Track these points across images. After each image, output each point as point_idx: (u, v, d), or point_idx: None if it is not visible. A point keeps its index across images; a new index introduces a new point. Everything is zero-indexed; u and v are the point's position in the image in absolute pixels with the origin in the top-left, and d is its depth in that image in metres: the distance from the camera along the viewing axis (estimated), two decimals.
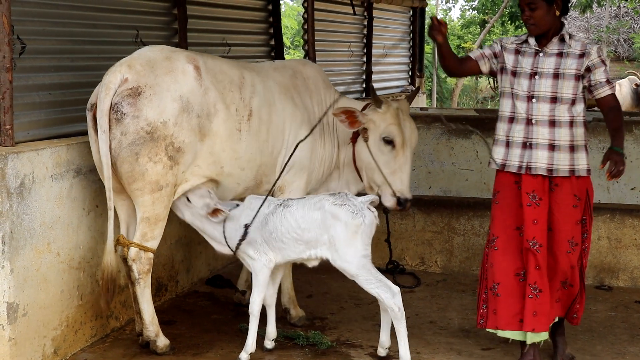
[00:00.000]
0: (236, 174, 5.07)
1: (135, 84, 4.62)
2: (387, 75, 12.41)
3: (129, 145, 4.59)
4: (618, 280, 6.62)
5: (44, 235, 4.62)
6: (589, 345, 5.29)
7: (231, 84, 5.02)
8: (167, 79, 4.71)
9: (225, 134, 4.92)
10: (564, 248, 4.75)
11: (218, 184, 5.05)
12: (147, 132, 4.60)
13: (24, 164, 4.45)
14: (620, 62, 27.42)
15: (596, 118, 7.58)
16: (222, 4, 7.58)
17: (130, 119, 4.58)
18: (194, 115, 4.76)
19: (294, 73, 5.55)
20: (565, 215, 4.74)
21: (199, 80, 4.83)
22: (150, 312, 4.90)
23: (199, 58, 4.95)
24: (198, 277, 6.56)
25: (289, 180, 5.32)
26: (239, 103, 5.03)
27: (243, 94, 5.08)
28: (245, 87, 5.10)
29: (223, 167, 4.97)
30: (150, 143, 4.61)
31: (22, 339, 4.48)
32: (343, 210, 4.64)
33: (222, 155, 4.94)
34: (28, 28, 4.95)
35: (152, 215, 4.74)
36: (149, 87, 4.64)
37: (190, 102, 4.75)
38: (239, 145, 5.01)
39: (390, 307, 4.67)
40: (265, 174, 5.24)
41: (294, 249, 4.77)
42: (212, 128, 4.86)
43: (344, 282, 6.53)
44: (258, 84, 5.21)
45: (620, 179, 7.40)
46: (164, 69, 4.73)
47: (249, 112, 5.08)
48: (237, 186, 5.15)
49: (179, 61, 4.82)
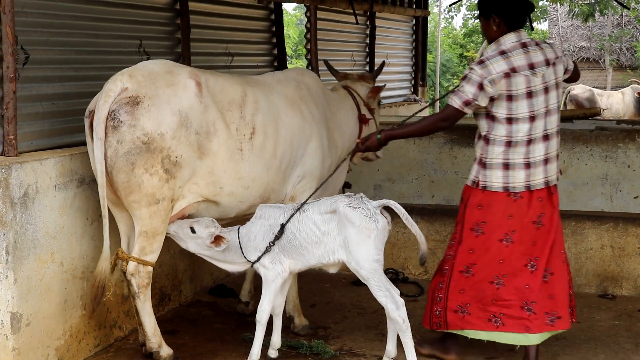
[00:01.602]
0: (239, 193, 5.04)
1: (134, 93, 4.61)
2: (389, 84, 12.41)
3: (125, 154, 4.57)
4: (621, 288, 6.61)
5: (47, 245, 4.63)
6: (592, 354, 5.29)
7: (230, 104, 4.98)
8: (167, 92, 4.68)
9: (226, 155, 4.89)
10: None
11: (217, 204, 5.00)
12: (143, 142, 4.58)
13: (28, 174, 4.46)
14: (623, 70, 27.42)
15: (599, 127, 7.59)
16: (225, 14, 7.60)
17: (127, 128, 4.56)
18: (193, 131, 4.73)
19: (298, 84, 5.55)
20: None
21: (200, 96, 4.80)
22: (152, 324, 4.89)
23: (201, 74, 4.92)
24: (201, 286, 6.56)
25: (300, 190, 5.37)
26: (240, 122, 5.00)
27: (244, 112, 5.03)
28: (246, 104, 5.06)
29: (223, 187, 4.93)
30: (146, 154, 4.59)
31: (26, 349, 4.48)
32: (357, 214, 4.62)
33: (222, 176, 4.91)
34: (32, 38, 4.97)
35: (149, 229, 4.72)
36: (148, 97, 4.62)
37: (189, 117, 4.71)
38: (241, 165, 4.98)
39: (394, 318, 4.66)
40: (273, 189, 5.23)
41: (315, 254, 4.74)
42: (212, 148, 4.82)
43: (347, 292, 6.55)
44: (261, 100, 5.18)
45: (624, 188, 7.48)
46: (165, 82, 4.72)
47: (251, 131, 5.04)
48: (241, 204, 5.10)
49: (181, 75, 4.80)
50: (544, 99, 4.78)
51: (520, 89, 4.73)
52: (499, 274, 4.88)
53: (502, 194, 4.85)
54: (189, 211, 4.92)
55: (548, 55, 4.83)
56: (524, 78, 4.73)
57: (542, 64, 4.79)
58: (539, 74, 4.76)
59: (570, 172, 7.54)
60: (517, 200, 4.84)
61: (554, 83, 4.82)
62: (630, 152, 7.42)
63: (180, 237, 4.90)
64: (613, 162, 7.47)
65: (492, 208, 4.88)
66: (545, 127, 4.80)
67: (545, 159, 4.83)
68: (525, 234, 4.85)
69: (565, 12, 27.45)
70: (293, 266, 4.82)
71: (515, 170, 4.82)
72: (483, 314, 4.91)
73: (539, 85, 4.76)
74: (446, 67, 26.26)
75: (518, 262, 4.87)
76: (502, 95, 4.73)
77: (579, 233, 6.65)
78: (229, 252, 4.90)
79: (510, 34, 4.81)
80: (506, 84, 4.71)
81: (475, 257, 4.92)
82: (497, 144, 4.82)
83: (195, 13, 6.89)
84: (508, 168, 4.83)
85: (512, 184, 4.83)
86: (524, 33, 4.86)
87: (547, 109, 4.80)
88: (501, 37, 4.82)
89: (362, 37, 11.26)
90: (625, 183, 7.48)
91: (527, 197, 4.84)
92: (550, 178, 4.88)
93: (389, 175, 7.69)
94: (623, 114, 16.29)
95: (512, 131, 4.78)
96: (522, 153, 4.80)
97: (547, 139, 4.83)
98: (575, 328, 5.75)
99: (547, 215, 4.89)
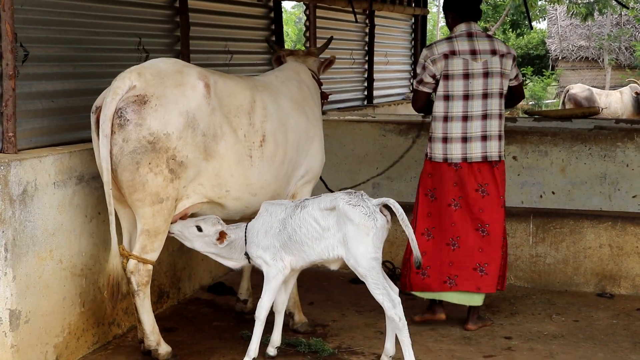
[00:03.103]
0: (246, 199, 5.04)
1: (142, 92, 4.58)
2: (388, 82, 12.43)
3: (130, 152, 4.55)
4: (620, 287, 6.62)
5: (46, 243, 4.63)
6: (590, 352, 5.29)
7: (238, 109, 4.96)
8: (175, 92, 4.66)
9: (234, 160, 4.89)
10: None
11: (222, 207, 5.01)
12: (149, 141, 4.56)
13: (27, 171, 4.46)
14: (622, 70, 27.41)
15: (598, 126, 7.59)
16: (224, 12, 7.60)
17: (133, 126, 4.54)
18: (199, 132, 4.71)
19: (299, 84, 5.55)
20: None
21: (208, 98, 4.77)
22: (151, 323, 4.88)
23: (211, 76, 4.89)
24: (200, 284, 6.56)
25: (300, 186, 5.42)
26: (248, 129, 4.98)
27: (253, 119, 5.01)
28: (255, 111, 5.04)
29: (229, 191, 4.93)
30: (151, 153, 4.57)
31: (25, 346, 4.48)
32: (356, 211, 4.62)
33: (229, 179, 4.90)
34: (31, 35, 4.97)
35: (152, 228, 4.72)
36: (155, 97, 4.59)
37: (196, 118, 4.69)
38: (250, 172, 4.98)
39: (391, 317, 4.66)
40: (278, 194, 5.26)
41: (316, 250, 4.75)
42: (219, 151, 4.82)
43: (346, 290, 6.56)
44: (270, 106, 5.16)
45: (622, 187, 7.48)
46: (173, 82, 4.69)
47: (261, 138, 5.03)
48: (246, 209, 5.11)
49: (190, 76, 4.77)
50: (483, 82, 5.47)
51: (457, 70, 5.45)
52: (453, 236, 5.57)
53: (444, 164, 5.55)
54: (192, 211, 4.93)
55: (497, 47, 5.53)
56: (462, 61, 5.45)
57: (487, 52, 5.48)
58: (479, 60, 5.46)
59: (568, 171, 7.55)
60: (458, 170, 5.53)
61: (499, 72, 5.48)
62: (629, 151, 7.42)
63: (186, 236, 4.90)
64: (612, 161, 7.46)
65: (439, 176, 5.59)
66: (484, 108, 5.49)
67: (484, 136, 5.49)
68: (470, 200, 5.53)
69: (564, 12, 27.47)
70: (294, 263, 4.83)
71: (452, 144, 5.51)
72: (439, 276, 5.58)
73: (477, 69, 5.45)
74: None
75: (468, 226, 5.55)
76: (442, 74, 5.46)
77: (577, 232, 6.66)
78: (235, 249, 4.92)
79: (462, 24, 5.56)
80: (444, 64, 5.46)
81: (432, 221, 5.62)
82: (437, 119, 5.55)
83: (195, 11, 6.89)
84: (446, 141, 5.53)
85: (449, 155, 5.53)
86: (474, 25, 5.58)
87: (485, 92, 5.48)
88: (455, 27, 5.58)
89: (362, 36, 11.26)
90: (623, 182, 7.48)
91: (466, 168, 5.52)
92: (490, 154, 5.53)
93: (388, 173, 7.68)
94: (621, 113, 16.30)
95: (448, 107, 5.49)
96: (459, 128, 5.49)
97: (485, 118, 5.50)
98: (573, 327, 5.77)
99: (491, 187, 5.54)
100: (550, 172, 7.61)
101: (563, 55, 28.51)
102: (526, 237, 6.73)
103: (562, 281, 6.71)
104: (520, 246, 6.70)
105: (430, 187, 5.63)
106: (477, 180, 5.51)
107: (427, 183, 5.64)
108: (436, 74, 5.47)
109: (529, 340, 5.49)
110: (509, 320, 5.91)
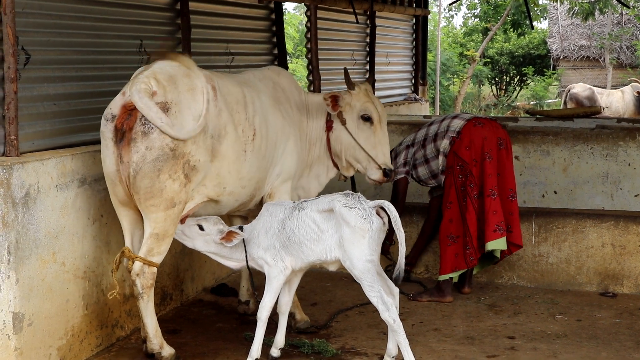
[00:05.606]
0: (237, 192, 5.10)
1: (163, 99, 4.59)
2: (390, 83, 12.43)
3: (152, 160, 4.55)
4: (622, 287, 6.61)
5: (49, 245, 4.63)
6: (593, 352, 5.29)
7: (237, 104, 5.02)
8: (188, 97, 4.69)
9: (232, 157, 4.94)
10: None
11: (216, 203, 5.06)
12: (171, 149, 4.57)
13: (29, 174, 4.46)
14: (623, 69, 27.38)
15: (599, 125, 7.60)
16: (226, 14, 7.61)
17: (157, 135, 4.53)
18: (209, 135, 4.76)
19: (274, 85, 5.57)
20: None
21: (215, 101, 4.82)
22: (154, 325, 4.89)
23: (215, 78, 4.94)
24: (203, 285, 6.57)
25: (277, 186, 5.42)
26: (245, 123, 5.04)
27: (248, 113, 5.08)
28: (248, 105, 5.11)
29: (226, 187, 4.98)
30: (172, 160, 4.59)
31: (28, 349, 4.49)
32: (353, 214, 4.63)
33: (227, 177, 4.95)
34: (32, 39, 4.97)
35: (161, 231, 4.72)
36: (174, 103, 4.61)
37: (207, 121, 4.73)
38: (243, 166, 5.03)
39: (385, 320, 4.67)
40: (259, 188, 5.31)
41: (314, 251, 4.76)
42: (221, 150, 4.86)
43: (349, 290, 6.56)
44: (256, 101, 5.22)
45: (624, 186, 7.49)
46: (185, 86, 4.71)
47: (253, 132, 5.09)
48: (235, 202, 5.18)
49: (199, 79, 4.79)
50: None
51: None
52: (510, 189, 6.25)
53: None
54: (193, 212, 4.95)
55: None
56: None
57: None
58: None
59: (571, 171, 7.55)
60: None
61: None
62: (631, 150, 7.43)
63: (187, 236, 4.92)
64: (614, 161, 7.47)
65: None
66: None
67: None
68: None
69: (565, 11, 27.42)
70: (294, 264, 4.84)
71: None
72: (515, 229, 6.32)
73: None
74: (446, 66, 26.25)
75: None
76: None
77: (580, 231, 6.65)
78: (235, 250, 4.93)
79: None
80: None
81: (493, 181, 6.13)
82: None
83: (196, 13, 6.90)
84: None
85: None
86: None
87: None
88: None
89: (363, 37, 11.26)
90: (625, 181, 7.49)
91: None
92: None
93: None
94: (623, 113, 16.28)
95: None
96: None
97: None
98: (576, 326, 5.77)
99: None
100: (552, 172, 7.62)
101: (564, 54, 28.48)
102: (529, 236, 6.73)
103: (565, 281, 6.71)
104: (523, 246, 6.70)
105: (482, 152, 6.17)
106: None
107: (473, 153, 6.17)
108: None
109: (532, 340, 5.49)
110: (512, 320, 5.91)
